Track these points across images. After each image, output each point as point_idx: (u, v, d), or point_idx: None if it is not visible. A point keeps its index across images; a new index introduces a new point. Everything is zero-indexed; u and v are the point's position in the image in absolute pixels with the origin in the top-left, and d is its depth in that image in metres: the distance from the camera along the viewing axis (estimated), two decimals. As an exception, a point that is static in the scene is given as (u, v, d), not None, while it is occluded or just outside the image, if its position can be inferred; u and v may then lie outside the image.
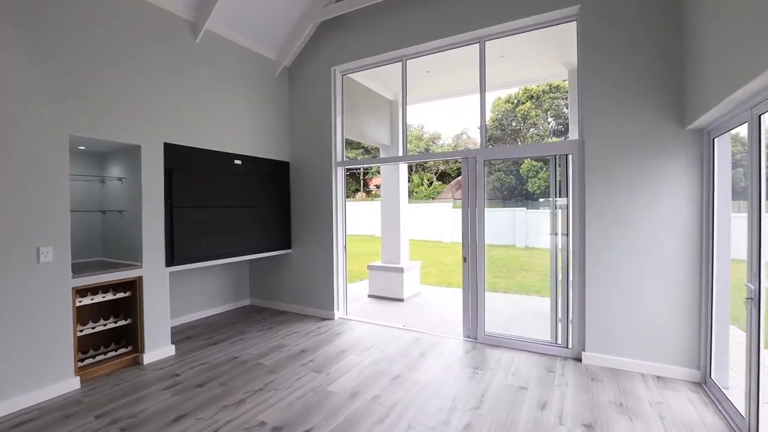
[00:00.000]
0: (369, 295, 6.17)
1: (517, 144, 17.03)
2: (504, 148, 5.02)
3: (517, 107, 17.43)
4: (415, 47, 4.20)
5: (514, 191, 16.63)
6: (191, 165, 3.87)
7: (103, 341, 3.48)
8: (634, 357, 3.18)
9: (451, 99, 6.43)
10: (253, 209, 4.54)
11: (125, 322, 3.46)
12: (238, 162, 4.38)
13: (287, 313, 5.01)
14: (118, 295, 3.39)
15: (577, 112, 3.53)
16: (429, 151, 21.70)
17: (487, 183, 4.02)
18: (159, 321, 3.57)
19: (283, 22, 4.54)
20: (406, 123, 4.59)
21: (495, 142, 17.49)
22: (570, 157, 3.52)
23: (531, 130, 17.73)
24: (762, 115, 2.11)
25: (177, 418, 2.57)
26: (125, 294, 3.44)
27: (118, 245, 3.71)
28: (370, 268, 6.25)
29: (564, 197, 3.65)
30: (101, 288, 3.35)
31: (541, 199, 15.62)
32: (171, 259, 3.65)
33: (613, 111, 3.23)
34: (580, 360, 3.39)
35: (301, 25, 4.62)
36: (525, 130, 17.77)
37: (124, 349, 3.45)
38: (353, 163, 4.99)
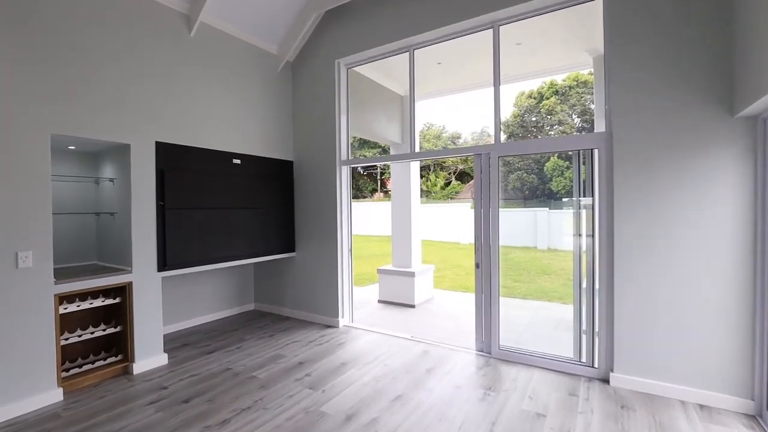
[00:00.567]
0: (379, 300, 5.88)
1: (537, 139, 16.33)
2: (520, 143, 4.64)
3: (541, 102, 16.71)
4: (422, 35, 3.87)
5: (536, 191, 15.95)
6: (185, 165, 3.68)
7: (94, 349, 3.33)
8: (673, 381, 2.76)
9: (466, 93, 6.04)
10: (253, 211, 4.32)
11: (114, 329, 3.29)
12: (236, 161, 4.17)
13: (291, 319, 4.79)
14: (107, 302, 3.24)
15: (604, 102, 3.14)
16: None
17: (507, 182, 3.65)
18: (150, 329, 3.39)
19: (284, 13, 4.31)
20: (414, 117, 4.27)
21: (515, 140, 16.83)
22: (597, 151, 3.12)
23: (555, 128, 16.98)
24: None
25: (153, 440, 2.36)
26: (114, 300, 3.28)
27: (112, 249, 3.57)
28: (380, 271, 5.95)
29: (589, 196, 3.26)
30: (91, 294, 3.19)
31: (564, 199, 14.94)
32: (163, 264, 3.47)
33: (646, 99, 2.82)
34: (607, 381, 2.99)
35: (303, 16, 4.37)
36: (548, 128, 17.03)
37: (114, 358, 3.29)
38: (359, 161, 4.71)
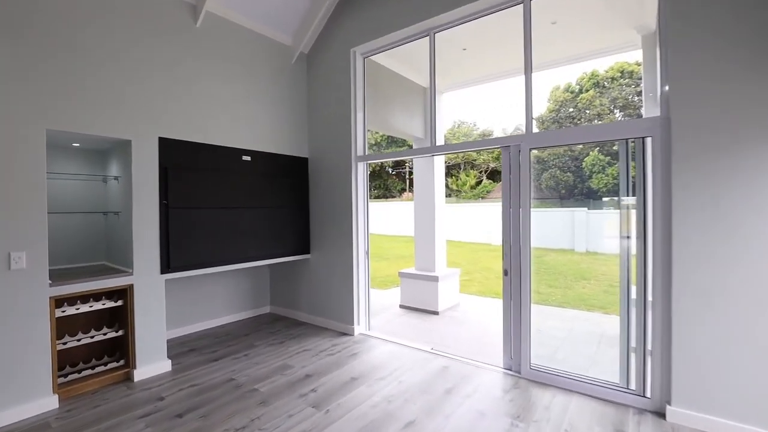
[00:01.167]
0: (400, 306, 5.54)
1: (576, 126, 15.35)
2: (556, 132, 4.13)
3: (578, 96, 15.69)
4: (443, 15, 3.49)
5: (573, 190, 14.95)
6: (191, 162, 3.51)
7: (96, 354, 3.20)
8: (746, 421, 2.23)
9: (496, 82, 5.52)
10: (264, 210, 4.10)
11: (116, 333, 3.16)
12: (246, 158, 3.96)
13: (305, 324, 4.54)
14: (107, 305, 3.10)
15: (659, 83, 2.65)
16: (478, 148, 20.40)
17: (541, 181, 3.21)
18: (153, 334, 3.23)
19: (296, 1, 4.06)
20: (435, 108, 3.90)
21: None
22: (650, 140, 2.63)
23: (595, 122, 15.91)
24: None
25: (136, 462, 2.15)
26: (116, 303, 3.14)
27: (117, 249, 3.45)
28: (401, 275, 5.60)
29: (633, 195, 2.78)
30: (93, 296, 3.07)
31: (605, 198, 13.92)
32: (167, 266, 3.30)
33: (718, 73, 2.31)
34: (662, 416, 2.49)
35: (317, 3, 4.11)
36: (586, 123, 15.99)
37: (116, 364, 3.16)
38: (375, 157, 4.38)
